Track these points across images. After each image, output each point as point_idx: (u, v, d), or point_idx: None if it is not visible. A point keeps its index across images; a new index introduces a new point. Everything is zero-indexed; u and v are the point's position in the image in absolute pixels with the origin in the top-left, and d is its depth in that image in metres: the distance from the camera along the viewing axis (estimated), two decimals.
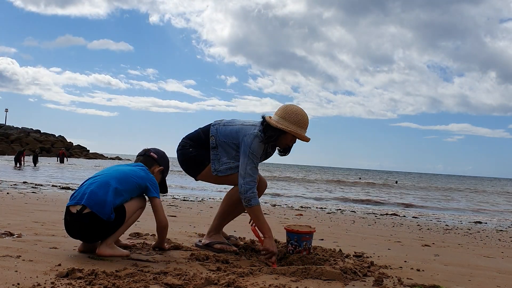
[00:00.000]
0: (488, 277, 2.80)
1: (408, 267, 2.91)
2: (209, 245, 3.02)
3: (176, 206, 7.41)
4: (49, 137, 67.53)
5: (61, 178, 15.70)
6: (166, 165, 2.98)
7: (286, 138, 2.91)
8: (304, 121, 2.90)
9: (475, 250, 4.27)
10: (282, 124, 2.86)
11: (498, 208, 14.16)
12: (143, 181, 2.67)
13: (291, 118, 2.86)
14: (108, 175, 2.61)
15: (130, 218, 2.60)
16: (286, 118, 2.87)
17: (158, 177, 2.89)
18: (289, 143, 2.98)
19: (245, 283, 2.13)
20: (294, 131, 2.85)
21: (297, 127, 2.87)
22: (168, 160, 3.01)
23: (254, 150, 2.85)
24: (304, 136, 2.91)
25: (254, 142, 2.86)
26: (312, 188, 19.45)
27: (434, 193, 20.16)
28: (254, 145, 2.86)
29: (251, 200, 2.80)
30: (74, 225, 2.49)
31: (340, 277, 2.36)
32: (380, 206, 12.23)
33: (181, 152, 3.05)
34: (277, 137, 2.89)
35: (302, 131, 2.89)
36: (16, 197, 6.89)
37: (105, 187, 2.51)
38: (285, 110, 2.91)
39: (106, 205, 2.45)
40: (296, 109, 2.92)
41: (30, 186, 10.31)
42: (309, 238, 2.81)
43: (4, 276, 1.98)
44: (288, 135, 2.89)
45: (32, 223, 3.84)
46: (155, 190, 2.72)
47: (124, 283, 1.99)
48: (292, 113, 2.88)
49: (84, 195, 2.49)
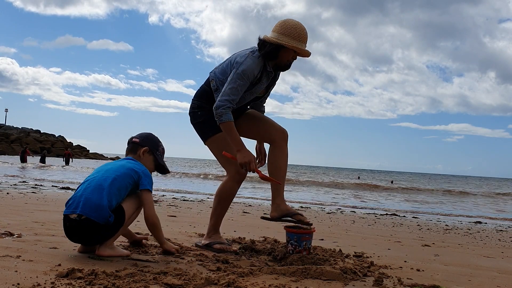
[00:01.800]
0: (488, 277, 2.79)
1: (408, 267, 2.91)
2: (209, 245, 3.01)
3: (176, 206, 7.41)
4: (49, 137, 67.57)
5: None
6: (151, 144, 2.80)
7: (287, 54, 2.80)
8: (304, 35, 2.79)
9: (475, 250, 4.27)
10: (282, 40, 2.74)
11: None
12: (135, 174, 2.60)
13: (291, 33, 2.75)
14: (100, 177, 2.54)
15: (130, 218, 2.59)
16: (285, 34, 2.75)
17: (148, 159, 2.76)
18: (291, 60, 2.86)
19: (245, 283, 2.13)
20: (294, 45, 2.74)
21: (297, 42, 2.76)
22: (154, 138, 2.84)
23: (244, 68, 2.72)
24: (306, 51, 2.80)
25: (246, 60, 2.75)
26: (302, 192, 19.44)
27: (428, 197, 20.06)
28: (246, 63, 2.73)
29: (222, 116, 2.70)
30: (73, 231, 2.48)
31: (340, 277, 2.36)
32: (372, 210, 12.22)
33: (191, 115, 3.02)
34: (277, 53, 2.78)
35: (303, 45, 2.79)
36: (16, 197, 6.88)
37: (99, 190, 2.46)
38: (283, 26, 2.78)
39: (102, 210, 2.42)
40: (295, 23, 2.79)
41: (30, 186, 10.31)
42: (309, 238, 2.81)
43: (4, 276, 1.98)
44: (289, 50, 2.78)
45: (32, 223, 3.84)
46: (147, 182, 2.62)
47: (124, 283, 1.99)
48: (291, 27, 2.76)
49: (79, 202, 2.46)
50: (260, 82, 2.88)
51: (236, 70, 2.73)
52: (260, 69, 2.82)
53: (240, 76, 2.72)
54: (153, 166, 2.80)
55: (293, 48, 2.76)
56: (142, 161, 2.74)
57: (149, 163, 2.77)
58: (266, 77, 2.89)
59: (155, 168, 2.84)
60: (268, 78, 2.92)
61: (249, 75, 2.74)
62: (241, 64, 2.74)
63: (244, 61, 2.75)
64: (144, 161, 2.75)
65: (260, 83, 2.89)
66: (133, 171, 2.60)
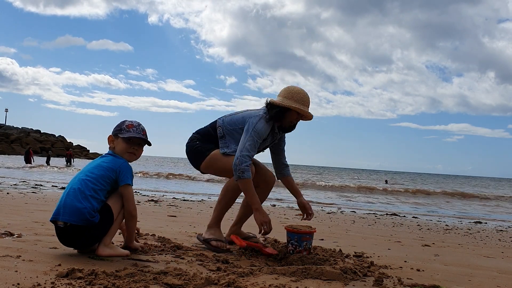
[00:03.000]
0: (488, 277, 2.79)
1: (408, 267, 2.91)
2: (207, 240, 3.10)
3: (176, 206, 7.41)
4: (49, 137, 67.58)
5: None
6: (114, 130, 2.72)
7: (291, 115, 3.07)
8: (306, 99, 3.09)
9: (475, 250, 4.27)
10: (286, 102, 3.03)
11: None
12: (112, 172, 2.58)
13: (294, 97, 3.05)
14: (80, 180, 2.54)
15: (119, 214, 2.59)
16: (289, 98, 3.05)
17: (118, 144, 2.68)
18: (294, 121, 3.12)
19: (245, 283, 2.13)
20: (298, 107, 3.02)
21: (301, 105, 3.04)
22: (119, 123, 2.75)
23: (258, 129, 2.99)
24: (308, 112, 3.08)
25: (259, 122, 3.02)
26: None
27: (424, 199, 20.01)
28: (259, 125, 3.01)
29: (244, 172, 2.90)
30: (63, 237, 2.51)
31: (340, 277, 2.36)
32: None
33: (188, 145, 3.25)
34: (282, 115, 3.06)
35: (305, 108, 3.07)
36: (16, 197, 6.88)
37: (75, 195, 2.47)
38: (287, 91, 3.10)
39: (84, 213, 2.42)
40: (298, 88, 3.12)
41: (30, 186, 10.31)
42: (310, 238, 2.81)
43: (4, 276, 1.98)
44: (292, 112, 3.05)
45: (32, 223, 3.84)
46: (126, 176, 2.60)
47: (124, 283, 1.99)
48: (294, 92, 3.08)
49: (59, 209, 2.48)
50: (265, 141, 3.15)
51: (253, 128, 2.99)
52: (269, 131, 3.12)
53: (257, 134, 2.99)
54: (125, 145, 2.69)
55: (296, 110, 3.03)
56: (116, 150, 2.69)
57: (121, 146, 2.68)
58: (271, 136, 3.19)
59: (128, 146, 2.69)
60: (273, 138, 3.23)
61: (261, 136, 3.03)
62: (256, 125, 3.01)
63: (259, 122, 3.03)
64: (117, 147, 2.69)
65: (264, 142, 3.15)
66: (109, 170, 2.59)
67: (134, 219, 2.65)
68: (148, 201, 8.10)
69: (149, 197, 9.27)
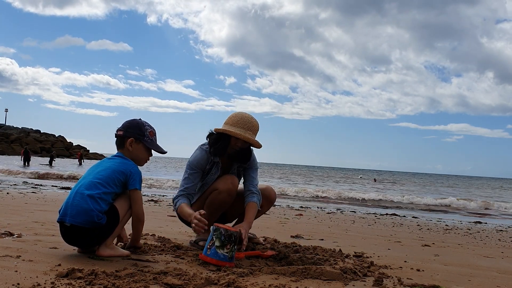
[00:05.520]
0: (488, 277, 2.79)
1: (408, 267, 2.91)
2: (196, 242, 3.09)
3: None
4: (49, 137, 67.55)
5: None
6: (136, 133, 2.66)
7: (232, 141, 2.92)
8: (250, 125, 2.90)
9: (475, 250, 4.27)
10: (223, 127, 2.92)
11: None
12: (123, 175, 2.56)
13: (230, 121, 2.93)
14: (89, 181, 2.52)
15: (124, 216, 2.59)
16: (226, 123, 2.95)
17: (138, 149, 2.66)
18: (235, 147, 2.93)
19: (245, 283, 2.13)
20: (232, 131, 2.85)
21: (237, 128, 2.87)
22: (138, 124, 2.68)
23: (190, 161, 2.99)
24: (251, 139, 2.87)
25: (194, 153, 3.03)
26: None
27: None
28: (192, 156, 3.01)
29: (176, 205, 2.95)
30: (68, 237, 2.50)
31: (340, 277, 2.36)
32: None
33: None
34: (223, 142, 2.92)
35: (246, 132, 2.87)
36: (16, 197, 6.88)
37: (83, 196, 2.45)
38: (229, 116, 2.99)
39: (92, 215, 2.41)
40: (238, 113, 2.98)
41: (30, 186, 10.31)
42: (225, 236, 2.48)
43: (4, 276, 1.98)
44: (231, 138, 2.91)
45: (32, 223, 3.84)
46: (136, 181, 2.58)
47: (124, 283, 1.99)
48: (233, 116, 2.96)
49: (66, 210, 2.47)
50: (210, 173, 3.04)
51: (187, 162, 3.03)
52: (210, 161, 3.01)
53: (188, 167, 3.00)
54: (146, 153, 2.70)
55: (226, 132, 2.88)
56: (133, 153, 2.66)
57: (141, 152, 2.68)
58: (216, 168, 3.04)
59: (148, 155, 2.73)
60: (218, 168, 3.04)
61: (193, 166, 2.98)
62: (190, 157, 3.03)
63: (193, 153, 3.03)
64: (135, 152, 2.66)
65: (210, 174, 3.04)
66: (119, 172, 2.56)
67: (141, 224, 2.65)
68: (148, 201, 8.10)
69: (149, 197, 9.27)
